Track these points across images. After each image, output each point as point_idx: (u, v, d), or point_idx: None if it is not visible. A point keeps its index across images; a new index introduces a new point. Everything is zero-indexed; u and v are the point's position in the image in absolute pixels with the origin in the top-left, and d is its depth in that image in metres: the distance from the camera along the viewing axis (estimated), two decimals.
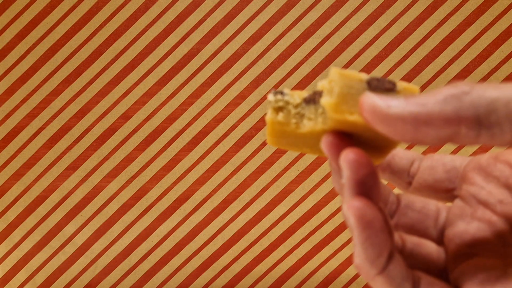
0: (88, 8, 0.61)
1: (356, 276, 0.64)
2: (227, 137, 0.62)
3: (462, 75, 0.61)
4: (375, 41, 0.61)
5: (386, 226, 0.16)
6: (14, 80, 0.61)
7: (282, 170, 0.63)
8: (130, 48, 0.61)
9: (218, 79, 0.62)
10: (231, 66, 0.62)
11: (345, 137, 0.17)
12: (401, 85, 0.15)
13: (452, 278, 0.18)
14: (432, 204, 0.21)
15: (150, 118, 0.62)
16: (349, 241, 0.64)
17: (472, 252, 0.17)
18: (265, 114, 0.62)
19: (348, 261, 0.64)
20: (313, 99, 0.18)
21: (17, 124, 0.62)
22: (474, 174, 0.19)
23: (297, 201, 0.63)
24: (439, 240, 0.20)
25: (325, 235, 0.64)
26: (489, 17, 0.61)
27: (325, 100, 0.16)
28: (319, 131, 0.17)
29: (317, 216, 0.64)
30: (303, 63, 0.62)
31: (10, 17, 0.61)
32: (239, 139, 0.62)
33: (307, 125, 0.17)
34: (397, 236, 0.20)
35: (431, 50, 0.61)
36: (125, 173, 0.63)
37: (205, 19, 0.61)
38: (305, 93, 0.18)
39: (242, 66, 0.62)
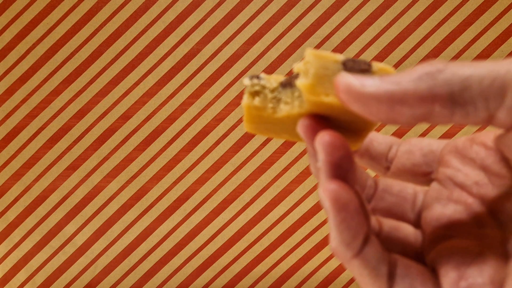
0: (88, 8, 0.61)
1: None
2: (227, 137, 0.62)
3: None
4: (375, 41, 0.61)
5: (361, 209, 0.16)
6: (14, 80, 0.61)
7: (282, 170, 0.63)
8: (130, 48, 0.61)
9: (218, 79, 0.62)
10: (231, 66, 0.62)
11: (322, 120, 0.17)
12: (377, 65, 0.15)
13: (428, 260, 0.18)
14: (409, 188, 0.21)
15: (150, 118, 0.62)
16: None
17: (448, 234, 0.17)
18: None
19: None
20: (289, 83, 0.17)
21: (17, 124, 0.62)
22: (450, 157, 0.19)
23: (297, 201, 0.63)
24: (417, 223, 0.20)
25: (325, 235, 0.64)
26: (489, 17, 0.61)
27: (300, 82, 0.15)
28: (296, 115, 0.17)
29: (317, 216, 0.64)
30: None
31: (10, 17, 0.61)
32: (239, 139, 0.62)
33: (284, 109, 0.17)
34: (374, 219, 0.20)
35: (431, 50, 0.61)
36: (125, 173, 0.63)
37: (205, 19, 0.61)
38: (281, 77, 0.18)
39: (242, 66, 0.62)
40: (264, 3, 0.61)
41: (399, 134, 0.62)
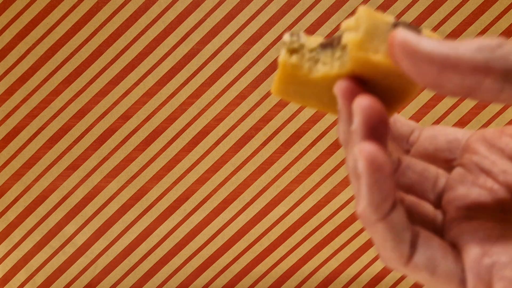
0: (88, 8, 0.61)
1: (356, 276, 0.64)
2: (227, 137, 0.62)
3: None
4: None
5: (392, 174, 0.16)
6: (14, 80, 0.61)
7: (282, 170, 0.63)
8: (130, 48, 0.61)
9: (218, 79, 0.62)
10: (231, 66, 0.62)
11: (360, 84, 0.16)
12: (427, 32, 0.15)
13: (450, 237, 0.18)
14: (432, 168, 0.21)
15: (150, 118, 0.62)
16: (349, 241, 0.64)
17: (472, 215, 0.18)
18: (267, 112, 0.62)
19: (348, 261, 0.64)
20: (330, 44, 0.17)
21: (17, 124, 0.62)
22: (478, 144, 0.19)
23: (297, 201, 0.63)
24: (436, 203, 0.20)
25: (325, 235, 0.64)
26: (489, 17, 0.61)
27: (349, 36, 0.15)
28: (333, 76, 0.17)
29: (317, 216, 0.64)
30: None
31: (10, 17, 0.61)
32: (239, 139, 0.62)
33: (321, 70, 0.17)
34: (397, 193, 0.20)
35: None
36: (125, 173, 0.63)
37: (205, 19, 0.61)
38: (321, 39, 0.18)
39: (242, 66, 0.62)
40: (264, 3, 0.61)
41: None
